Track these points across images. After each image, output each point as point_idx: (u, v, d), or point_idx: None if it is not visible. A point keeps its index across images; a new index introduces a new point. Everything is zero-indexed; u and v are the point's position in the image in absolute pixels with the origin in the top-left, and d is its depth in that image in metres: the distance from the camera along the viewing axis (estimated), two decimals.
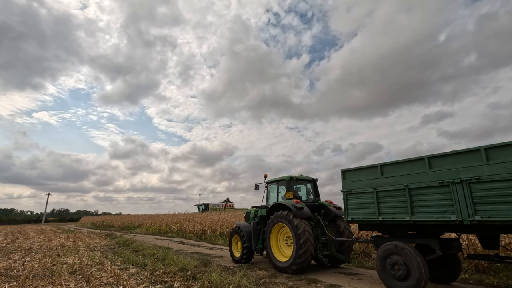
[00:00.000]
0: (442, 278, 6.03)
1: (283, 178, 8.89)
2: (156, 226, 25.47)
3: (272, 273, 7.20)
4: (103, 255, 10.44)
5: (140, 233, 25.29)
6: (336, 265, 8.03)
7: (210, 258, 9.88)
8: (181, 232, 20.93)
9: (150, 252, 10.47)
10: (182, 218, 24.22)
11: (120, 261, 9.00)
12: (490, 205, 4.31)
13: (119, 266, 8.31)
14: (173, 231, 22.35)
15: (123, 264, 8.63)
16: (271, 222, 7.99)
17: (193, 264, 8.01)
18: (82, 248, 12.72)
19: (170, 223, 24.16)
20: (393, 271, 5.25)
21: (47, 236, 20.12)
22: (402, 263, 5.12)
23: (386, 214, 5.62)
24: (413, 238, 5.65)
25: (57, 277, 6.54)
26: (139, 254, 10.68)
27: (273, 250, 7.87)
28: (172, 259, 8.92)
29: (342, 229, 7.83)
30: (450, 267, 5.93)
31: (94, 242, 15.70)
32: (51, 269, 7.56)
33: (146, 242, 15.94)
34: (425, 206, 5.09)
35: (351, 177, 6.53)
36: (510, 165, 4.13)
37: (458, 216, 4.59)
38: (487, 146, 4.46)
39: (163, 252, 10.46)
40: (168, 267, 7.79)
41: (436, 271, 6.01)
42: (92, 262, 8.77)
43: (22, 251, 12.25)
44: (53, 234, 23.08)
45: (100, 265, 8.31)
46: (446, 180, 4.81)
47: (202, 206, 49.79)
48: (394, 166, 5.70)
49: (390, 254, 5.37)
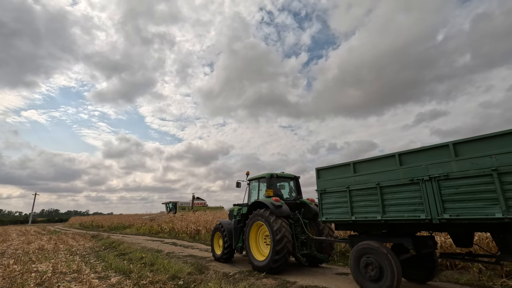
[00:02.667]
0: (418, 277, 5.85)
1: (263, 176, 8.67)
2: (147, 226, 24.12)
3: (281, 282, 6.08)
4: (83, 260, 9.20)
5: (130, 233, 23.93)
6: (317, 264, 7.87)
7: (205, 262, 8.73)
8: (174, 232, 19.68)
9: (138, 256, 9.30)
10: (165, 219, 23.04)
11: (101, 267, 7.79)
12: (459, 203, 4.16)
13: (99, 273, 7.12)
14: (165, 231, 21.08)
15: (104, 271, 7.43)
16: (250, 220, 7.83)
17: (186, 271, 6.87)
18: (62, 252, 11.42)
19: (161, 222, 22.85)
20: (367, 271, 5.08)
21: (27, 238, 18.65)
22: (375, 263, 4.94)
23: (359, 214, 5.48)
24: (388, 237, 5.47)
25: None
26: (125, 258, 9.49)
27: (252, 249, 7.72)
28: (162, 264, 7.79)
29: (322, 227, 7.63)
30: (426, 266, 5.72)
31: (77, 245, 14.38)
32: (14, 280, 6.31)
33: (135, 243, 14.69)
34: (396, 204, 4.93)
35: (325, 176, 6.32)
36: (478, 160, 3.99)
37: (427, 214, 4.45)
38: (455, 141, 4.30)
39: (152, 255, 9.30)
40: (157, 274, 6.66)
41: (413, 270, 5.84)
42: (68, 269, 7.53)
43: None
44: (35, 236, 21.56)
45: (76, 273, 7.10)
46: (416, 177, 4.66)
47: (170, 204, 39.19)
48: (366, 163, 5.53)
49: (363, 254, 5.20)
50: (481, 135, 4.08)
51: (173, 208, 36.81)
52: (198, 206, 37.29)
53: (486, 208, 3.88)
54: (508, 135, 3.83)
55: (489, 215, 3.84)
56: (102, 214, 77.89)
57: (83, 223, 45.01)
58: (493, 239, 4.46)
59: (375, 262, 4.95)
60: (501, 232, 4.18)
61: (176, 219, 22.17)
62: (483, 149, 4.02)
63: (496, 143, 3.92)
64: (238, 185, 9.66)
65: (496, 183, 3.80)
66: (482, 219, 3.92)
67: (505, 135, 3.85)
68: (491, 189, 3.84)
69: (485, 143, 4.03)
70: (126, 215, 48.64)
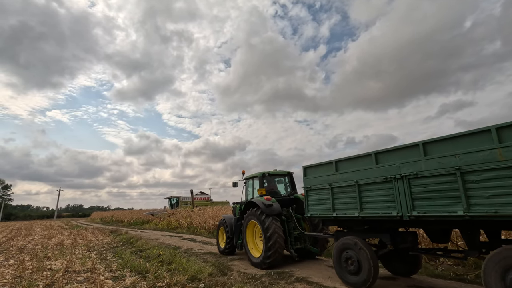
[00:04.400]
0: (402, 271, 6.03)
1: (256, 175, 9.00)
2: (165, 222, 23.91)
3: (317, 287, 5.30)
4: (99, 257, 8.74)
5: (148, 229, 23.82)
6: (311, 257, 8.13)
7: (227, 261, 8.05)
8: (192, 228, 19.23)
9: (155, 253, 8.74)
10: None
11: (116, 266, 7.25)
12: (426, 201, 4.30)
13: (114, 272, 6.56)
14: (183, 226, 20.70)
15: (120, 269, 6.87)
16: (246, 219, 8.18)
17: (206, 271, 6.20)
18: (80, 247, 11.11)
19: (179, 217, 22.56)
20: (347, 265, 5.33)
21: (49, 233, 18.81)
22: (354, 258, 5.18)
23: (340, 210, 5.69)
24: (368, 233, 5.65)
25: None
26: (142, 255, 8.96)
27: (249, 246, 8.06)
28: (180, 263, 7.17)
29: (317, 221, 7.67)
30: (409, 261, 5.84)
31: (96, 240, 14.14)
32: (26, 279, 5.85)
33: (152, 239, 14.29)
34: (372, 202, 5.10)
35: (311, 174, 6.52)
36: (444, 160, 4.12)
37: (398, 211, 4.60)
38: (425, 141, 4.42)
39: (170, 252, 8.72)
40: (174, 275, 6.03)
41: (398, 264, 6.03)
42: (82, 267, 7.04)
43: (13, 250, 10.76)
44: (57, 230, 21.83)
45: (90, 271, 6.57)
46: (390, 175, 4.80)
47: (174, 199, 35.60)
48: (347, 162, 5.70)
49: (344, 249, 5.44)
50: (449, 135, 4.13)
51: (176, 203, 34.37)
52: (201, 201, 34.35)
53: (450, 206, 3.98)
54: (473, 135, 3.87)
55: (452, 212, 3.94)
56: (122, 209, 79.77)
57: (104, 218, 45.91)
58: (462, 236, 4.53)
59: (354, 257, 5.18)
60: (468, 229, 4.27)
61: (194, 214, 21.76)
62: (450, 148, 4.09)
63: (462, 143, 3.98)
64: (234, 185, 10.03)
65: (459, 182, 3.88)
66: (446, 216, 4.04)
67: (470, 135, 3.89)
68: (455, 188, 3.93)
69: (452, 142, 4.09)
70: (130, 211, 48.72)
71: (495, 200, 3.56)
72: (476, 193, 3.75)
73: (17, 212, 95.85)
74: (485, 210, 3.63)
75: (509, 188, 3.43)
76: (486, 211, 3.61)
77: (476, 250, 4.25)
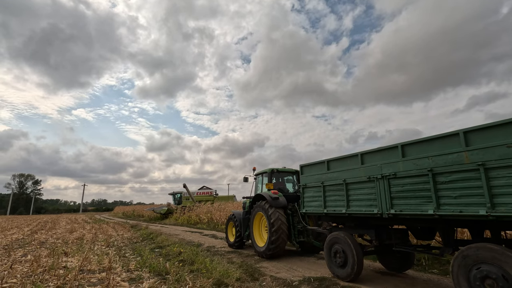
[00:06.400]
0: (395, 266, 6.21)
1: (265, 171, 9.53)
2: (185, 217, 23.60)
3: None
4: (118, 253, 8.24)
5: (168, 224, 23.69)
6: (314, 251, 8.64)
7: (254, 262, 7.28)
8: (212, 223, 18.74)
9: (176, 251, 8.10)
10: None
11: (134, 265, 6.62)
12: (403, 200, 4.50)
13: (132, 273, 5.97)
14: (203, 222, 20.26)
15: (137, 269, 6.25)
16: (253, 211, 8.81)
17: (234, 275, 5.42)
18: (99, 242, 10.72)
19: (199, 212, 22.10)
20: (335, 258, 5.69)
21: (72, 227, 18.91)
22: (341, 252, 5.52)
23: (330, 207, 5.99)
24: (356, 228, 5.93)
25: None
26: (162, 252, 8.37)
27: (255, 237, 8.69)
28: (203, 263, 6.48)
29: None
30: (402, 257, 5.99)
31: (116, 235, 13.92)
32: (36, 279, 5.28)
33: (173, 235, 13.88)
34: (357, 200, 5.37)
35: (307, 172, 6.86)
36: (419, 161, 4.29)
37: (379, 209, 4.82)
38: (403, 143, 4.58)
39: (191, 250, 8.08)
40: (197, 278, 5.27)
41: (392, 260, 6.19)
42: (98, 265, 6.47)
43: (34, 244, 10.53)
44: (80, 224, 22.07)
45: (105, 271, 5.96)
46: (372, 175, 5.01)
47: (178, 195, 33.30)
48: (337, 161, 5.95)
49: (333, 243, 5.80)
50: (424, 137, 4.31)
51: (180, 198, 32.46)
52: (203, 196, 31.44)
53: (423, 205, 4.19)
54: (444, 138, 4.01)
55: (423, 211, 4.16)
56: (144, 204, 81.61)
57: (126, 212, 46.90)
58: (439, 233, 4.72)
59: (341, 251, 5.55)
60: (445, 227, 4.42)
61: (214, 209, 21.22)
62: (425, 150, 4.26)
63: (436, 145, 4.12)
64: (245, 180, 10.53)
65: (430, 182, 4.07)
66: (418, 215, 4.26)
67: (443, 138, 4.04)
68: (427, 188, 4.12)
69: (427, 145, 4.25)
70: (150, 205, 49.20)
71: (461, 201, 3.75)
72: (445, 194, 3.94)
73: (47, 206, 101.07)
74: (452, 209, 3.83)
75: (473, 189, 3.63)
76: (453, 211, 3.81)
77: (450, 247, 4.37)
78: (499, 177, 3.37)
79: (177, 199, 32.88)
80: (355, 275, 5.20)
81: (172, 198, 34.44)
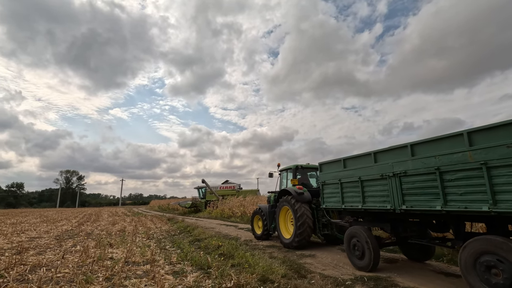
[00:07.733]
0: (416, 257, 6.60)
1: (290, 167, 10.01)
2: (218, 210, 23.95)
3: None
4: (158, 246, 8.40)
5: (203, 217, 24.21)
6: (338, 243, 8.91)
7: (297, 258, 7.03)
8: (246, 217, 18.76)
9: (214, 244, 8.02)
10: None
11: (176, 258, 6.63)
12: (414, 196, 4.78)
13: (174, 266, 5.98)
14: (236, 215, 20.38)
15: (179, 262, 6.24)
16: (279, 205, 9.24)
17: (279, 271, 5.16)
18: (140, 235, 11.08)
19: (232, 206, 22.26)
20: (354, 251, 6.08)
21: (114, 219, 19.96)
22: (359, 245, 5.90)
23: (347, 203, 6.43)
24: (374, 222, 6.35)
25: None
26: (201, 245, 8.39)
27: (281, 229, 9.16)
28: (243, 257, 6.29)
29: None
30: (421, 248, 6.35)
31: (154, 227, 14.44)
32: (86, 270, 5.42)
33: (209, 228, 14.07)
34: (372, 196, 5.73)
35: (325, 170, 7.25)
36: (427, 160, 4.52)
37: (392, 205, 5.15)
38: (412, 143, 4.83)
39: (229, 244, 7.99)
40: (241, 273, 5.05)
41: (413, 251, 6.60)
42: (142, 258, 6.58)
43: (81, 235, 11.14)
44: (121, 217, 23.30)
45: (149, 263, 6.00)
46: (385, 173, 5.32)
47: (202, 189, 33.48)
48: (352, 160, 6.33)
49: (352, 237, 6.15)
50: (432, 137, 4.53)
51: (204, 193, 32.78)
52: (225, 190, 31.03)
53: (431, 201, 4.47)
54: (450, 138, 4.25)
55: (432, 207, 4.44)
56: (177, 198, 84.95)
57: (161, 206, 49.08)
58: (450, 227, 5.15)
59: (359, 244, 5.89)
60: (455, 221, 4.69)
61: (247, 202, 21.24)
62: (432, 150, 4.50)
63: (443, 145, 4.36)
64: (270, 175, 10.92)
65: (438, 180, 4.32)
66: (428, 210, 4.55)
67: (448, 138, 4.27)
68: (435, 185, 4.39)
69: (435, 144, 4.49)
70: (184, 199, 50.03)
71: (466, 197, 3.98)
72: (451, 191, 4.18)
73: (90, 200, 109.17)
74: (457, 205, 4.08)
75: (477, 187, 3.84)
76: (459, 207, 4.06)
77: (461, 240, 4.55)
78: (500, 175, 3.57)
79: (203, 193, 33.64)
80: (372, 266, 5.56)
81: (198, 192, 35.40)
